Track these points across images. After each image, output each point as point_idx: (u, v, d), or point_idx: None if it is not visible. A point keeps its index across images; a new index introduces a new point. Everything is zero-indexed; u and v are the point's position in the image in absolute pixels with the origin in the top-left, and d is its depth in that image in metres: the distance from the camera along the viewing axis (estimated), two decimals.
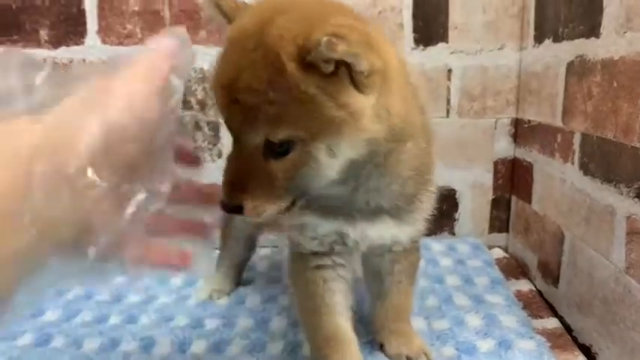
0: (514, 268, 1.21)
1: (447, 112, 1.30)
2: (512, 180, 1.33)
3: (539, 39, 1.15)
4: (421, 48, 1.28)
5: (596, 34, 0.87)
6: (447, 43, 1.27)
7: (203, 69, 1.29)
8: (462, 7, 1.26)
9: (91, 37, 1.26)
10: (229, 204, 0.57)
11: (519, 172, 1.29)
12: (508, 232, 1.35)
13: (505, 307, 0.96)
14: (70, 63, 1.25)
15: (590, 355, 0.86)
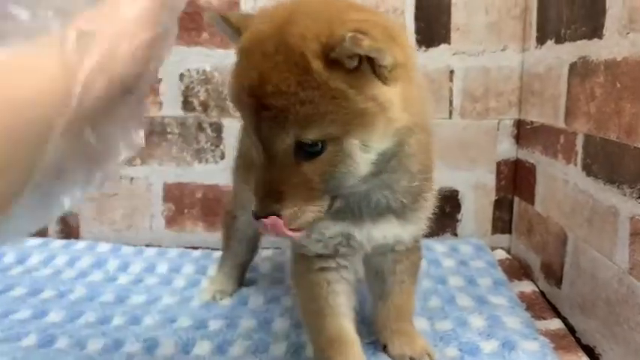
0: (517, 269, 1.21)
1: (450, 113, 1.30)
2: (515, 181, 1.33)
3: (541, 40, 1.15)
4: (423, 49, 1.28)
5: (599, 35, 0.87)
6: (449, 44, 1.27)
7: (205, 70, 1.29)
8: (464, 8, 1.26)
9: None
10: (264, 214, 0.55)
11: (522, 174, 1.28)
12: (511, 233, 1.35)
13: (508, 308, 0.96)
14: None
15: (594, 356, 0.86)
